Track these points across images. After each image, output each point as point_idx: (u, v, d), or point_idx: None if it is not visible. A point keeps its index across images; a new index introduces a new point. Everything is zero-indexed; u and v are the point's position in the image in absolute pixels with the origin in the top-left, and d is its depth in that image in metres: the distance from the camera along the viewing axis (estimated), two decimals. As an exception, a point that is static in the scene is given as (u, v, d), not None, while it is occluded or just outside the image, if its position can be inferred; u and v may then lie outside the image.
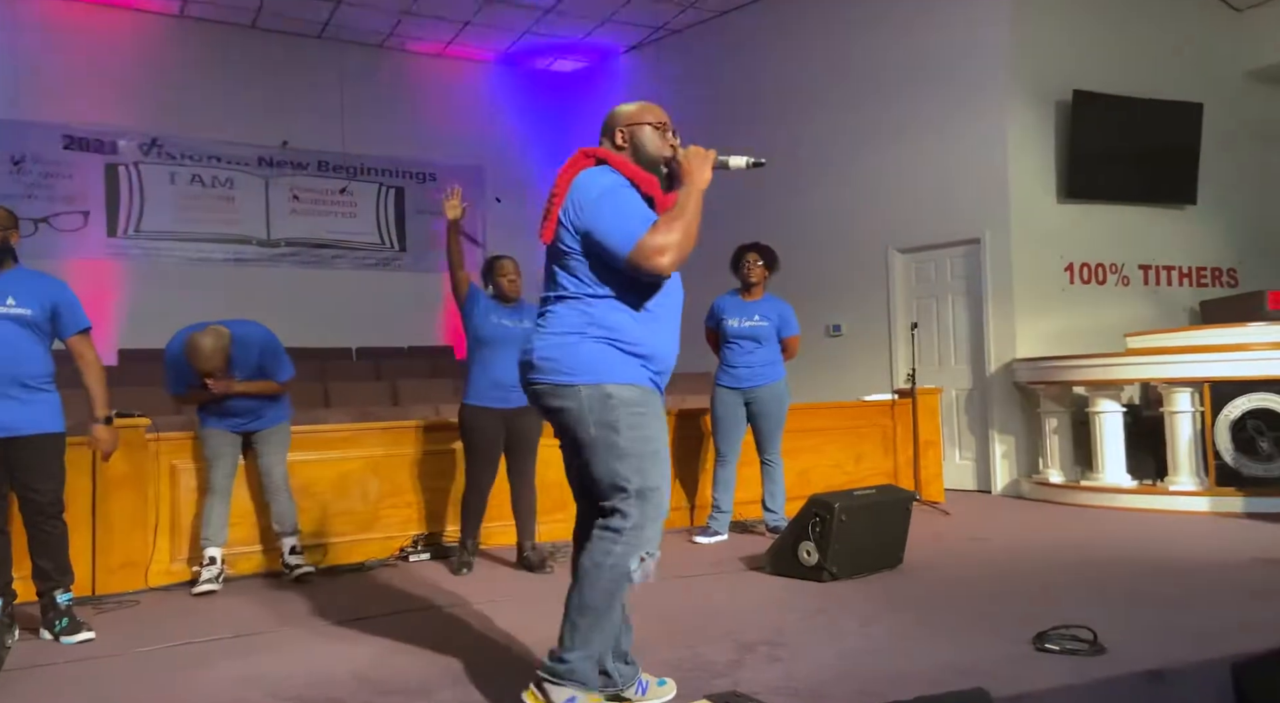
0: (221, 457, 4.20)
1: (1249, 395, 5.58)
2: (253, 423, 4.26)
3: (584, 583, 2.26)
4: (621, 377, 2.26)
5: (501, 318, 4.32)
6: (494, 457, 4.34)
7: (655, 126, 2.42)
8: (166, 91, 9.02)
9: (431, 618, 3.51)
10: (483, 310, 4.33)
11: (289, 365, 4.31)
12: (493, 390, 4.27)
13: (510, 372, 4.21)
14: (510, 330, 4.30)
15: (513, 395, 4.24)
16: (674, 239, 2.20)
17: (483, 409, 4.29)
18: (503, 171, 10.45)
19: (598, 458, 2.27)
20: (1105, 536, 4.94)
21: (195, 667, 2.95)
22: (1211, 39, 7.64)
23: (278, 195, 9.55)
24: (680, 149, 2.40)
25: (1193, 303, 7.38)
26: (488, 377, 4.28)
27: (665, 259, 2.19)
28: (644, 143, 2.41)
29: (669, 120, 2.46)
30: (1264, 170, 7.86)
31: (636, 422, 2.26)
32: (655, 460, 2.28)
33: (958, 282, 7.20)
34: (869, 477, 5.95)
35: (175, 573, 4.29)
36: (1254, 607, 3.30)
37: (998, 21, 6.89)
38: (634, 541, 2.23)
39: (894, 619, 3.26)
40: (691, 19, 9.11)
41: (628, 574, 2.23)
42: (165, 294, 8.78)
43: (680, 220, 2.23)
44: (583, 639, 2.25)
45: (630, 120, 2.43)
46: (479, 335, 4.33)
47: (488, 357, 4.29)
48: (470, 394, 4.35)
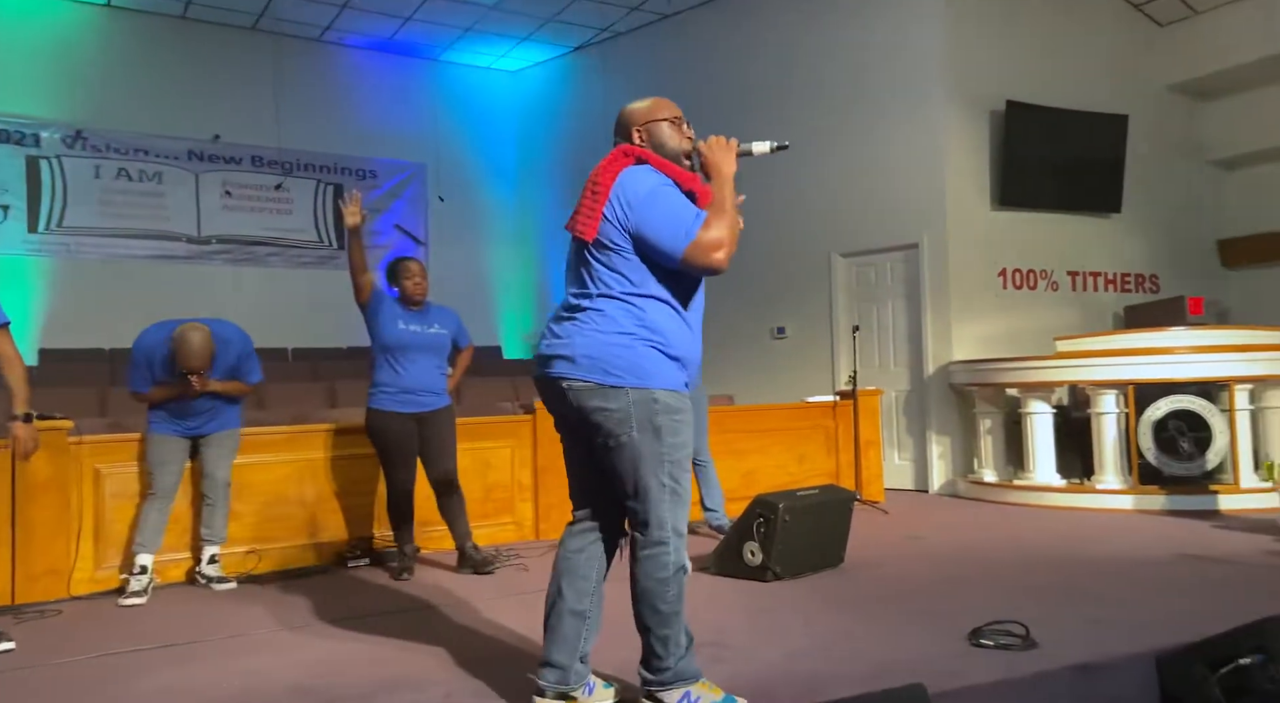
0: (169, 462, 4.08)
1: (1171, 397, 5.81)
2: (206, 425, 4.16)
3: (655, 598, 2.26)
4: (667, 382, 2.27)
5: (409, 323, 4.23)
6: (409, 458, 4.27)
7: (670, 121, 2.42)
8: (92, 83, 8.70)
9: (371, 624, 3.44)
10: (388, 315, 4.21)
11: (259, 368, 4.27)
12: (402, 395, 4.20)
13: (420, 377, 4.23)
14: (418, 335, 4.23)
15: (424, 399, 4.26)
16: (725, 233, 2.22)
17: (391, 414, 4.20)
18: (446, 170, 10.32)
19: (635, 461, 2.25)
20: (1036, 533, 5.09)
21: (120, 679, 2.84)
22: (1136, 53, 7.94)
23: (209, 191, 9.27)
24: (700, 141, 2.40)
25: (1117, 308, 7.66)
26: (397, 383, 4.20)
27: (721, 254, 2.21)
28: (663, 140, 2.40)
29: (682, 113, 2.46)
30: (1184, 181, 8.19)
31: (677, 428, 2.27)
32: (685, 466, 2.32)
33: (897, 285, 7.35)
34: (812, 477, 6.03)
35: (99, 581, 4.13)
36: (1175, 601, 3.43)
37: (934, 33, 7.05)
38: (679, 542, 2.28)
39: (836, 618, 3.30)
40: (636, 22, 9.13)
41: (684, 569, 2.29)
42: (89, 293, 8.48)
43: (724, 214, 2.25)
44: (675, 643, 2.29)
45: (645, 118, 2.41)
46: (385, 341, 4.21)
47: (395, 362, 4.20)
48: (377, 399, 4.22)
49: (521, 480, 5.25)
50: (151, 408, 4.12)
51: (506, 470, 5.20)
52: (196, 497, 4.28)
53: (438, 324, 4.33)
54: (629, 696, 2.48)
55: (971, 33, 7.12)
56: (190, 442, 4.19)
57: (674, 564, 2.27)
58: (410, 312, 4.26)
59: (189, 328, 3.95)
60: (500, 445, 5.18)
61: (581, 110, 9.93)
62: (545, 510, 5.25)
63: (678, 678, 2.30)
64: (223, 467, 4.20)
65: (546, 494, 5.25)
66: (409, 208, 10.17)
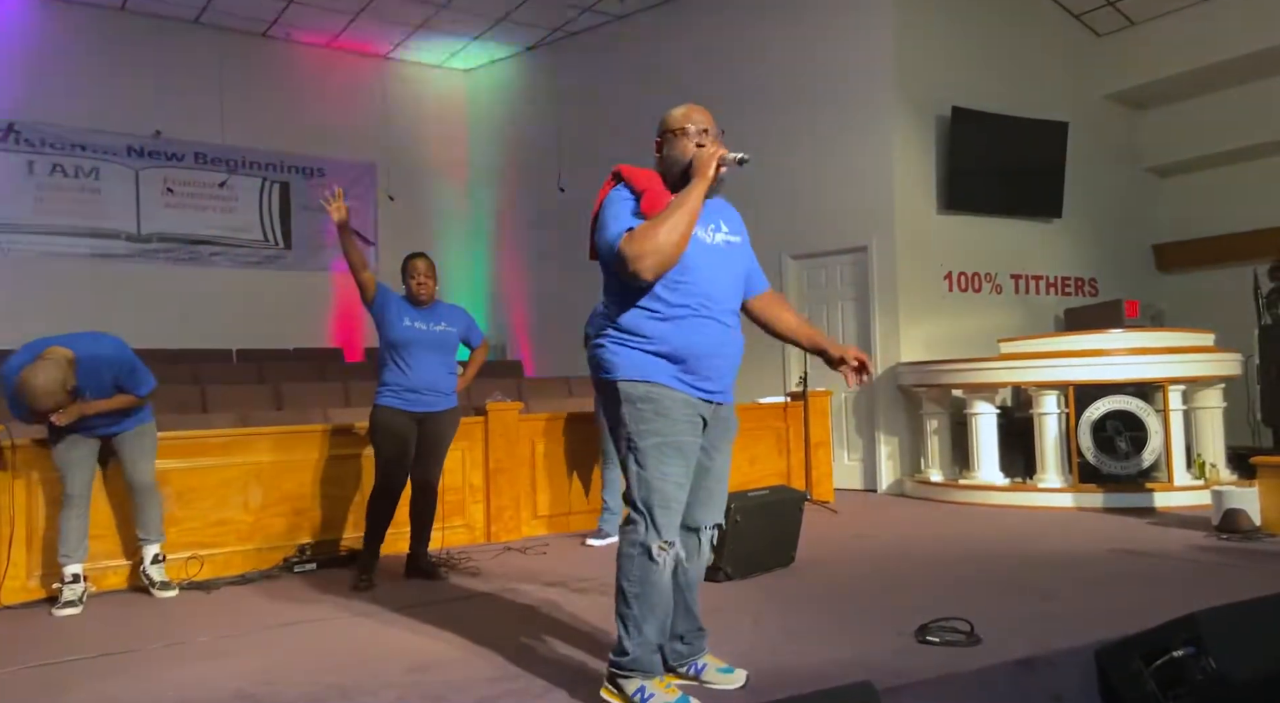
0: (76, 465, 3.87)
1: (1109, 398, 5.98)
2: (113, 427, 3.97)
3: (620, 573, 2.40)
4: (635, 374, 2.38)
5: (414, 320, 4.15)
6: (405, 459, 4.16)
7: (676, 133, 2.48)
8: (26, 75, 8.41)
9: (317, 631, 3.38)
10: (395, 312, 4.14)
11: (148, 378, 3.97)
12: (407, 394, 4.13)
13: (426, 375, 4.15)
14: (424, 333, 4.15)
15: (429, 399, 4.18)
16: (646, 247, 2.27)
17: (396, 411, 4.12)
18: (396, 169, 10.19)
19: (618, 443, 2.43)
20: (980, 531, 5.20)
21: (54, 690, 2.75)
22: (1076, 62, 8.16)
23: (149, 188, 9.01)
24: (698, 152, 2.43)
25: (1058, 311, 7.86)
26: (403, 381, 4.12)
27: (636, 266, 2.27)
28: (673, 152, 2.48)
29: (708, 124, 2.49)
30: (1122, 187, 8.44)
31: (641, 415, 2.37)
32: (658, 454, 2.35)
33: (847, 288, 7.45)
34: (763, 477, 6.08)
35: (33, 590, 3.99)
36: (1113, 596, 3.54)
37: (883, 41, 7.17)
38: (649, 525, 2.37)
39: (785, 618, 3.33)
40: (589, 22, 9.11)
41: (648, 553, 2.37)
42: (22, 291, 8.19)
43: (656, 225, 2.29)
44: (635, 628, 2.37)
45: (664, 127, 2.51)
46: (391, 338, 4.14)
47: (402, 360, 4.13)
48: (383, 395, 4.14)
49: (473, 482, 5.21)
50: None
51: (458, 473, 5.15)
52: (125, 502, 4.12)
53: (445, 322, 4.24)
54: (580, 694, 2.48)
55: (918, 41, 7.25)
56: (99, 442, 3.97)
57: (638, 542, 2.35)
58: (417, 309, 4.18)
59: (30, 368, 3.57)
60: (452, 448, 5.09)
61: (534, 110, 9.88)
62: (497, 512, 5.22)
63: (636, 668, 2.36)
64: (141, 467, 4.02)
65: (498, 496, 5.22)
66: (359, 207, 10.01)
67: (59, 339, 3.79)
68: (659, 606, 2.37)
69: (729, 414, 2.56)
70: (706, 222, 2.45)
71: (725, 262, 2.48)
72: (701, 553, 2.59)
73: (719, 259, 2.45)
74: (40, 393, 3.55)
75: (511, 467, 5.30)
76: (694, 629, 2.60)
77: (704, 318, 2.40)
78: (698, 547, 2.56)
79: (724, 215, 2.55)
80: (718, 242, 2.48)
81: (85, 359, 3.75)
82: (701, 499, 2.52)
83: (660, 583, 2.36)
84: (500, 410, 5.31)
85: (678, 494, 2.38)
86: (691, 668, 2.55)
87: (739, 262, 2.54)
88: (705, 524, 2.55)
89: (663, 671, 2.44)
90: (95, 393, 3.81)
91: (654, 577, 2.35)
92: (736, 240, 2.54)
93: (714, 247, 2.46)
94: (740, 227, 2.60)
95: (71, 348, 3.75)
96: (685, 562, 2.52)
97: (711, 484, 2.54)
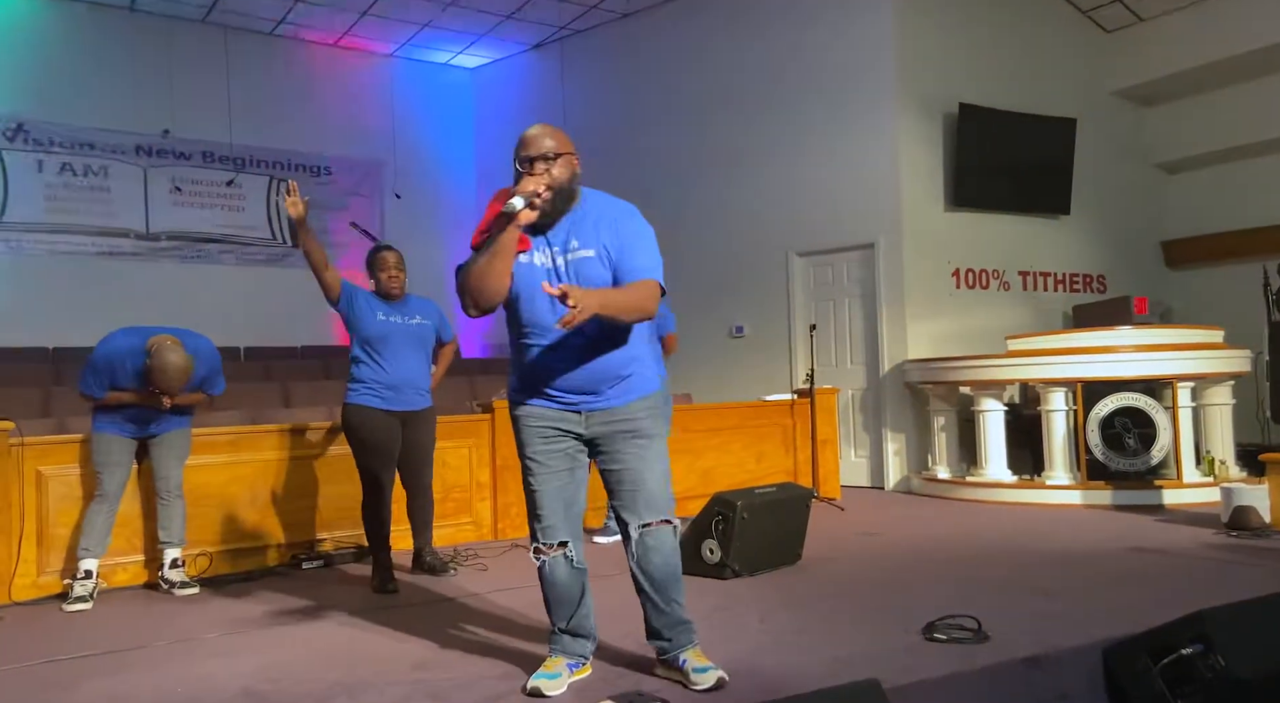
0: (116, 464, 3.96)
1: (1117, 395, 5.95)
2: (158, 428, 4.04)
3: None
4: (511, 396, 2.65)
5: (388, 314, 4.01)
6: (391, 460, 4.04)
7: (515, 166, 2.49)
8: (35, 74, 8.43)
9: (325, 627, 3.39)
10: (365, 307, 3.98)
11: (223, 380, 4.19)
12: (386, 391, 3.99)
13: (404, 372, 4.01)
14: (399, 327, 4.01)
15: (408, 396, 4.04)
16: (460, 284, 2.44)
17: (373, 410, 3.97)
18: (404, 167, 10.19)
19: None
20: (988, 529, 5.18)
21: (63, 686, 2.77)
22: (1084, 58, 8.12)
23: (158, 186, 9.03)
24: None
25: (1066, 308, 7.82)
26: (380, 378, 3.97)
27: (463, 302, 2.44)
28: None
29: (534, 152, 2.44)
30: (1130, 183, 8.40)
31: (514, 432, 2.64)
32: (524, 467, 2.62)
33: (854, 285, 7.43)
34: (770, 475, 6.07)
35: (42, 586, 4.01)
36: (1121, 594, 3.52)
37: (888, 37, 7.14)
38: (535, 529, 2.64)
39: (792, 615, 3.33)
40: (595, 20, 9.10)
41: (532, 554, 2.65)
42: (32, 290, 8.22)
43: (467, 268, 2.43)
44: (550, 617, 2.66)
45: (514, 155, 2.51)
46: (364, 333, 3.97)
47: (378, 357, 3.97)
48: (358, 393, 3.97)
49: (480, 480, 5.22)
50: (101, 409, 3.99)
51: (465, 470, 5.16)
52: (146, 499, 4.17)
53: (419, 316, 4.12)
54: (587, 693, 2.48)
55: (925, 37, 7.23)
56: (138, 443, 4.08)
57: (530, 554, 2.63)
58: (389, 303, 4.05)
59: (169, 348, 3.78)
60: (458, 445, 5.14)
61: (540, 108, 9.87)
62: (504, 509, 5.22)
63: (551, 645, 2.65)
64: (175, 468, 4.10)
65: (505, 493, 5.23)
66: (365, 205, 10.03)
67: (163, 329, 3.95)
68: (558, 602, 2.60)
69: (620, 416, 2.51)
70: (554, 242, 2.47)
71: (565, 282, 2.37)
72: (652, 552, 2.53)
73: (552, 282, 2.38)
74: (177, 374, 3.78)
75: (517, 464, 5.29)
76: (670, 625, 2.59)
77: (539, 346, 2.49)
78: (637, 549, 2.54)
79: (583, 226, 2.48)
80: (561, 263, 2.46)
81: (191, 352, 3.89)
82: (623, 503, 2.55)
83: (552, 581, 2.58)
84: (506, 407, 5.30)
85: (544, 502, 2.56)
86: (677, 662, 2.59)
87: (586, 276, 2.44)
88: (631, 525, 2.54)
89: (572, 653, 2.62)
90: (188, 387, 3.96)
91: (543, 579, 2.59)
92: (589, 254, 2.45)
93: (550, 269, 2.45)
94: (602, 233, 2.47)
95: (180, 339, 3.91)
96: (635, 564, 2.56)
97: (626, 486, 2.53)
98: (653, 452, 2.55)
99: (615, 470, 2.55)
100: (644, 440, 2.54)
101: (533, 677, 2.52)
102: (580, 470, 2.62)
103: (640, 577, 2.57)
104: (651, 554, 2.54)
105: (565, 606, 2.60)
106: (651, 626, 2.63)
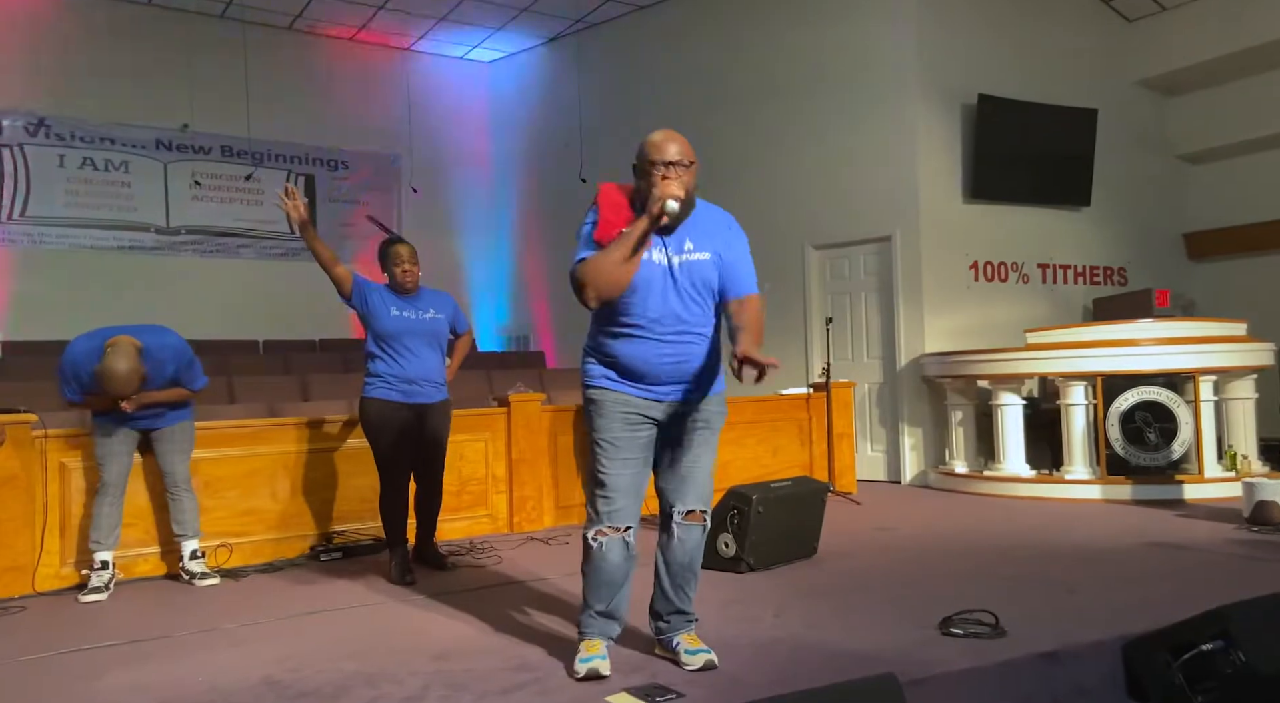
0: (115, 455, 3.96)
1: (1137, 389, 5.90)
2: (155, 421, 4.05)
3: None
4: (595, 381, 2.66)
5: (402, 309, 4.02)
6: (409, 454, 4.07)
7: (645, 165, 2.55)
8: (56, 70, 8.52)
9: (344, 618, 3.42)
10: (379, 303, 3.99)
11: (202, 374, 4.10)
12: (404, 385, 4.01)
13: (421, 366, 4.03)
14: (414, 322, 4.02)
15: (425, 390, 4.07)
16: (588, 275, 2.48)
17: (392, 404, 4.01)
18: (421, 161, 10.23)
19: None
20: (1006, 523, 5.15)
21: (86, 676, 2.80)
22: (1105, 48, 8.02)
23: (177, 181, 9.12)
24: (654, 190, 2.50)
25: (1086, 301, 7.75)
26: (398, 373, 3.99)
27: (581, 294, 2.50)
28: (641, 181, 2.58)
29: (678, 156, 2.55)
30: (1152, 174, 8.30)
31: (591, 416, 2.65)
32: (599, 451, 2.61)
33: (870, 278, 7.39)
34: (785, 469, 6.06)
35: (65, 577, 4.06)
36: (1141, 589, 3.50)
37: (906, 28, 7.08)
38: (592, 516, 2.65)
39: (807, 609, 3.33)
40: (611, 13, 9.09)
41: (586, 541, 2.64)
42: (54, 284, 8.32)
43: (598, 260, 2.48)
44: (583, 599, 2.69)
45: (638, 155, 2.59)
46: (380, 329, 3.98)
47: (394, 352, 3.99)
48: (375, 387, 3.99)
49: (496, 473, 5.24)
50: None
51: (481, 463, 5.18)
52: (160, 491, 4.20)
53: (434, 309, 4.12)
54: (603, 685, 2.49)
55: (943, 27, 7.16)
56: (139, 434, 4.05)
57: (586, 528, 2.63)
58: (403, 298, 4.06)
59: (110, 353, 3.70)
60: (475, 439, 5.16)
61: (556, 101, 9.88)
62: (519, 502, 5.24)
63: (582, 629, 2.70)
64: (178, 462, 4.09)
65: (521, 487, 5.24)
66: (382, 199, 10.08)
67: (123, 329, 3.89)
68: (602, 585, 2.63)
69: (696, 409, 2.66)
70: (669, 243, 2.58)
71: (678, 281, 2.57)
72: (677, 541, 2.67)
73: (667, 280, 2.56)
74: (121, 378, 3.68)
75: (534, 457, 5.32)
76: (673, 612, 2.72)
77: (643, 338, 2.57)
78: (673, 534, 2.67)
79: (696, 230, 2.62)
80: (675, 263, 2.58)
81: (153, 349, 3.85)
82: (673, 487, 2.70)
83: (601, 565, 2.60)
84: (523, 401, 5.33)
85: (619, 485, 2.59)
86: (670, 643, 2.72)
87: (699, 277, 2.60)
88: (676, 509, 2.67)
89: (604, 635, 2.67)
90: (156, 383, 3.90)
91: (594, 559, 2.60)
92: (704, 258, 2.60)
93: (665, 268, 2.57)
94: (715, 239, 2.64)
95: (138, 338, 3.85)
96: (660, 549, 2.71)
97: (682, 472, 2.68)
98: (713, 444, 2.72)
99: (676, 454, 2.68)
100: (709, 433, 2.70)
101: (579, 661, 2.59)
102: (651, 460, 2.71)
103: (660, 562, 2.71)
104: (678, 545, 2.68)
105: (609, 588, 2.64)
106: (654, 608, 2.75)
